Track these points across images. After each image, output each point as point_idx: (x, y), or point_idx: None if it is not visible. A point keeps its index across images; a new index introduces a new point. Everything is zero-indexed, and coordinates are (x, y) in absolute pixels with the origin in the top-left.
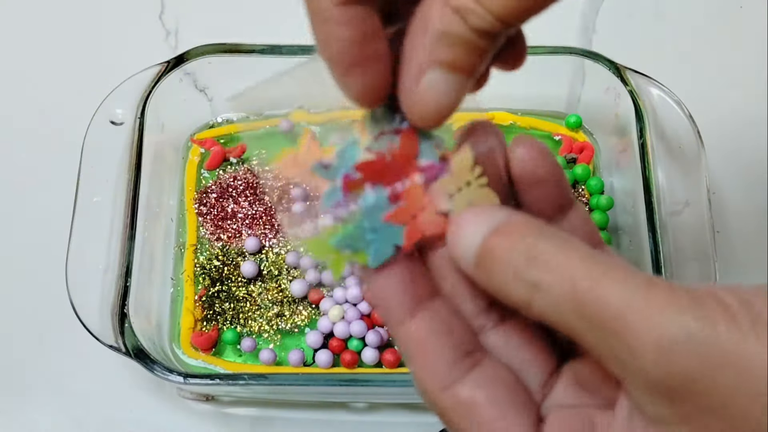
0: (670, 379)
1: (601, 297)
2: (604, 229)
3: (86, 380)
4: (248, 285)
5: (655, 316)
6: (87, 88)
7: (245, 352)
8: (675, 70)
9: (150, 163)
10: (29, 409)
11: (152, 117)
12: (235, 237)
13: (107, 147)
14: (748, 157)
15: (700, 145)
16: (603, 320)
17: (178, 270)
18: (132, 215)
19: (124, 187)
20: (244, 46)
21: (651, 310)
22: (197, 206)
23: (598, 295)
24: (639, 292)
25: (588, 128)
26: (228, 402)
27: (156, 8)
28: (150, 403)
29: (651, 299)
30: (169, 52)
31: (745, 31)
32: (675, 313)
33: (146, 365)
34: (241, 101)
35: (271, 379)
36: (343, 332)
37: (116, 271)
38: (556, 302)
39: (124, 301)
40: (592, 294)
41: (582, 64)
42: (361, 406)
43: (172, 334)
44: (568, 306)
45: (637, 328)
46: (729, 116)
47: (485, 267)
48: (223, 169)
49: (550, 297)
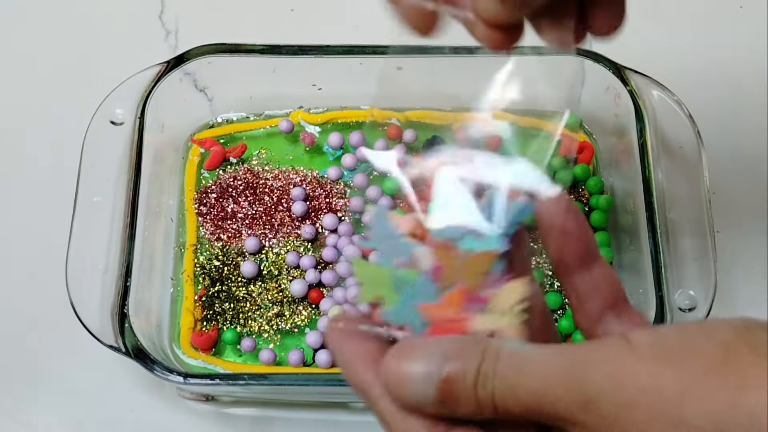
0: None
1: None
2: (604, 229)
3: (86, 380)
4: (248, 285)
5: (570, 374)
6: (87, 88)
7: (245, 352)
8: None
9: (150, 163)
10: (29, 409)
11: (152, 117)
12: (235, 237)
13: (107, 147)
14: (748, 157)
15: (700, 145)
16: (537, 403)
17: (178, 270)
18: (132, 215)
19: (124, 187)
20: (244, 46)
21: (566, 372)
22: (197, 206)
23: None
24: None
25: (588, 128)
26: (228, 402)
27: (156, 8)
28: (150, 403)
29: (566, 362)
30: (169, 52)
31: (745, 31)
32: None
33: (146, 365)
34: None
35: (271, 379)
36: None
37: (116, 271)
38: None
39: (124, 301)
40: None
41: (582, 64)
42: (361, 406)
43: (172, 334)
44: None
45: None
46: (729, 116)
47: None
48: (223, 169)
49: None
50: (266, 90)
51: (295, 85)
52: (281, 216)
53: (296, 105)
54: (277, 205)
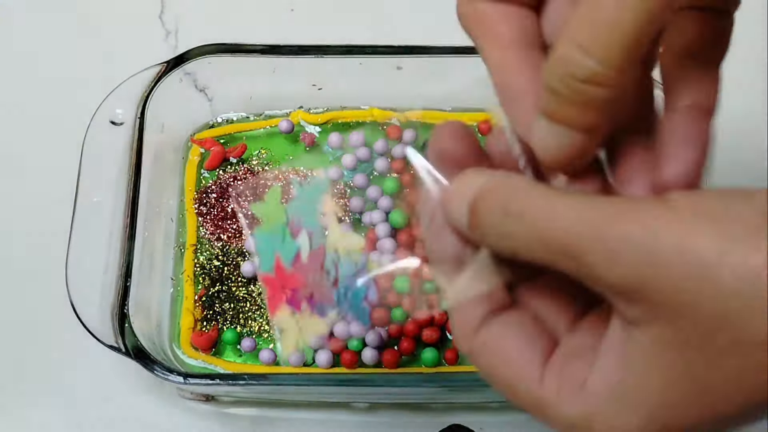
0: (624, 283)
1: (558, 229)
2: None
3: (86, 380)
4: (248, 285)
5: (601, 227)
6: (87, 88)
7: (245, 352)
8: None
9: (150, 163)
10: (29, 409)
11: (152, 117)
12: (235, 237)
13: (107, 147)
14: (748, 157)
15: None
16: (564, 247)
17: (178, 270)
18: (132, 215)
19: (124, 187)
20: (244, 46)
21: (597, 221)
22: (197, 206)
23: (556, 227)
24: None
25: None
26: (228, 402)
27: (156, 8)
28: (150, 403)
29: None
30: (169, 52)
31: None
32: (617, 221)
33: (146, 365)
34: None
35: (271, 379)
36: (343, 332)
37: (116, 271)
38: (529, 246)
39: (124, 301)
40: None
41: None
42: (361, 406)
43: (172, 334)
44: (538, 246)
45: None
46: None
47: (475, 228)
48: (223, 169)
49: (524, 243)
50: (266, 90)
51: (295, 85)
52: None
53: (296, 105)
54: None
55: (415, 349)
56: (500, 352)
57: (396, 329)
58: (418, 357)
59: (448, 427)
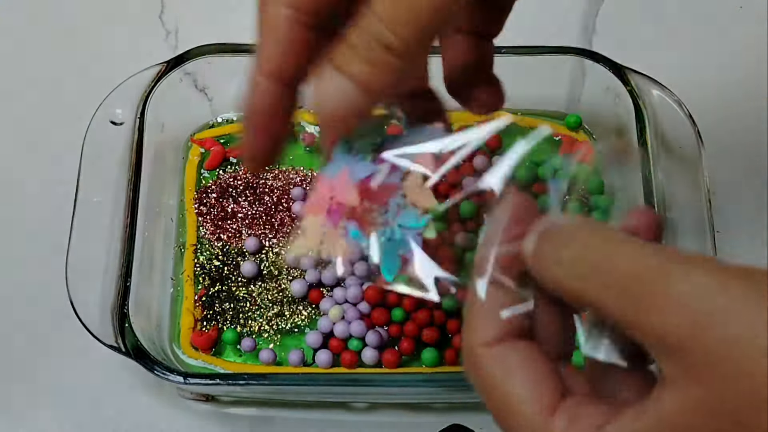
0: (676, 333)
1: (620, 269)
2: None
3: (86, 380)
4: (248, 285)
5: (660, 277)
6: (87, 88)
7: (245, 352)
8: (675, 70)
9: (150, 163)
10: (29, 409)
11: (152, 117)
12: (235, 237)
13: (107, 147)
14: (748, 157)
15: (700, 145)
16: (623, 289)
17: (178, 270)
18: (132, 215)
19: (124, 187)
20: (244, 46)
21: (663, 273)
22: (197, 206)
23: (619, 266)
24: (652, 260)
25: (588, 128)
26: (228, 402)
27: (156, 8)
28: (150, 403)
29: (661, 264)
30: (169, 52)
31: (745, 31)
32: (673, 276)
33: (146, 365)
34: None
35: (271, 379)
36: (343, 332)
37: (116, 271)
38: (585, 282)
39: (124, 301)
40: (614, 267)
41: (582, 64)
42: (361, 406)
43: (172, 334)
44: (595, 284)
45: (650, 289)
46: (729, 116)
47: (537, 259)
48: (223, 169)
49: (576, 277)
50: None
51: None
52: (281, 216)
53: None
54: (277, 205)
55: (415, 349)
56: (511, 371)
57: (396, 329)
58: (418, 357)
59: (448, 427)
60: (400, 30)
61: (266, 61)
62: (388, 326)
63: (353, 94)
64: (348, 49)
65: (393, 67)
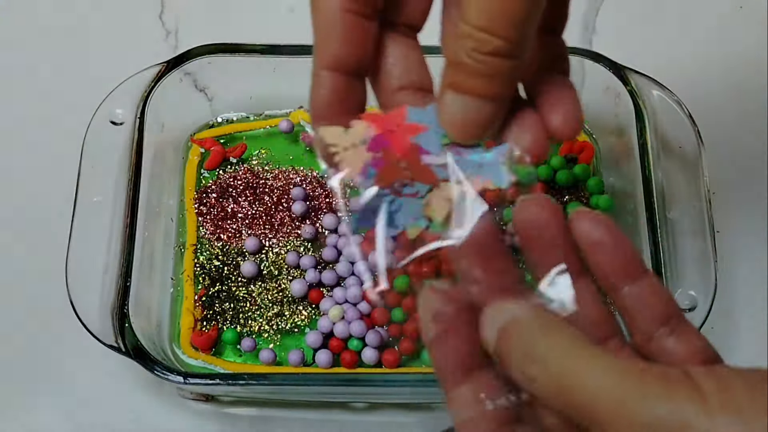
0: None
1: (579, 387)
2: None
3: (86, 380)
4: (248, 285)
5: (627, 403)
6: (87, 88)
7: (245, 352)
8: (675, 70)
9: (150, 163)
10: (29, 409)
11: (152, 117)
12: (235, 237)
13: (107, 147)
14: (748, 157)
15: (700, 145)
16: (582, 407)
17: (178, 270)
18: (132, 215)
19: (124, 187)
20: (244, 46)
21: (623, 396)
22: (197, 206)
23: (577, 385)
24: (613, 380)
25: (588, 128)
26: (228, 402)
27: (156, 8)
28: (150, 403)
29: (624, 386)
30: (169, 52)
31: (745, 31)
32: (645, 400)
33: (146, 365)
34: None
35: (271, 379)
36: (343, 332)
37: (116, 271)
38: (547, 392)
39: (124, 301)
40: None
41: (582, 64)
42: (361, 406)
43: (172, 334)
44: (554, 395)
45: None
46: (729, 116)
47: (500, 356)
48: (223, 169)
49: (542, 388)
50: (266, 90)
51: (295, 85)
52: (281, 216)
53: (296, 105)
54: (277, 205)
55: (415, 349)
56: None
57: (396, 329)
58: (418, 357)
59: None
60: (503, 31)
61: (323, 53)
62: (388, 326)
63: (481, 107)
64: (457, 67)
65: (507, 67)
